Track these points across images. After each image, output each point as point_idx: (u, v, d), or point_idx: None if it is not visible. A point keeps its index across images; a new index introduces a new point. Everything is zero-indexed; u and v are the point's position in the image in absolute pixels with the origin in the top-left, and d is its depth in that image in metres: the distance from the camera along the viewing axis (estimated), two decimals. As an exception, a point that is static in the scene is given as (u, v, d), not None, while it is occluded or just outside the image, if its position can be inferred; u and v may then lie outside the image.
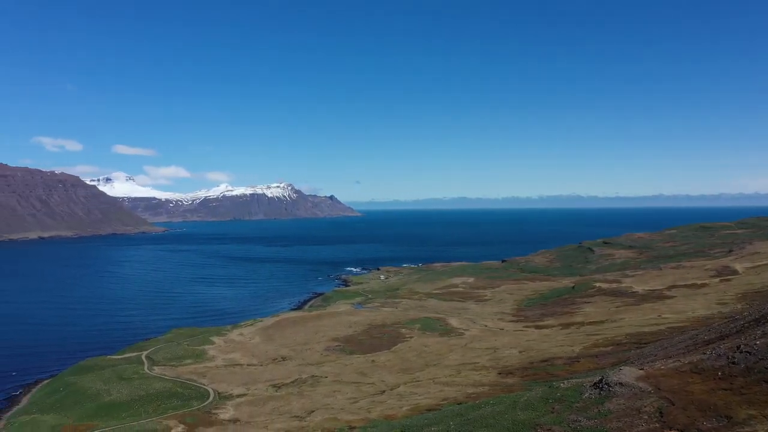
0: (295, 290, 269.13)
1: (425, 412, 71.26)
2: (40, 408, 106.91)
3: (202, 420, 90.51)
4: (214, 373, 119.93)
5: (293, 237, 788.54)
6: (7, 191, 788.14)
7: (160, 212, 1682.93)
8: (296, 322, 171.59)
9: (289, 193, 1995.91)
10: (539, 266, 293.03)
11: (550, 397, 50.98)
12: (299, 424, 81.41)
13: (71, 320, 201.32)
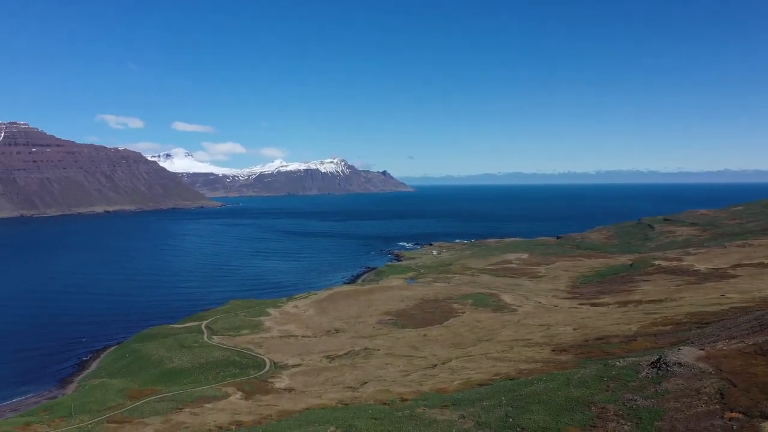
0: (348, 264, 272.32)
1: (477, 387, 71.33)
2: (109, 372, 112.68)
3: (258, 388, 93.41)
4: (270, 344, 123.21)
5: (346, 212, 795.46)
6: (75, 167, 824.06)
7: (217, 187, 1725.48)
8: (349, 295, 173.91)
9: (342, 169, 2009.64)
10: (596, 243, 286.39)
11: (605, 375, 50.10)
12: (352, 395, 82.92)
13: (135, 291, 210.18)
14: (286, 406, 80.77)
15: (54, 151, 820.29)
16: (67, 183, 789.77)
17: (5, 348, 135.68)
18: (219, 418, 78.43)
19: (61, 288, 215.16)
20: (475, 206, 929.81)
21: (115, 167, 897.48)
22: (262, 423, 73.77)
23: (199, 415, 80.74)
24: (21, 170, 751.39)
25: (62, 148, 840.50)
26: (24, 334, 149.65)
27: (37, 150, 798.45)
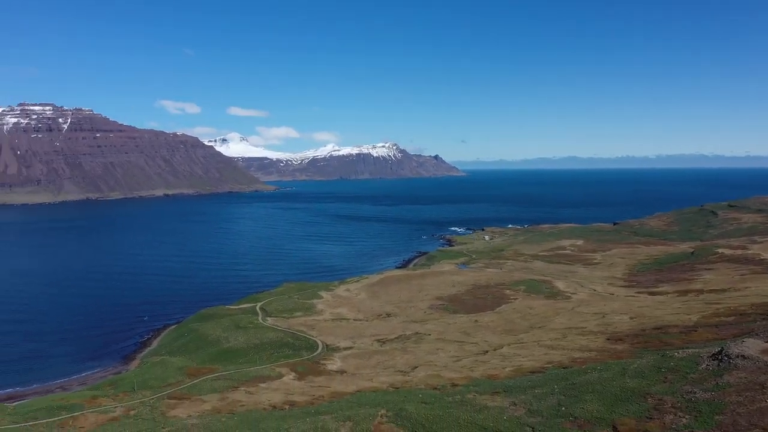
0: (399, 249, 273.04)
1: (529, 374, 70.66)
2: (169, 350, 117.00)
3: (311, 369, 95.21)
4: (322, 326, 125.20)
5: (398, 196, 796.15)
6: (136, 152, 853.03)
7: (271, 171, 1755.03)
8: (401, 280, 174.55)
9: (394, 153, 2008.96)
10: (655, 230, 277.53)
11: (662, 366, 48.77)
12: (403, 379, 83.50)
13: (193, 272, 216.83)
14: (337, 388, 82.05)
15: (117, 137, 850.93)
16: (129, 167, 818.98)
17: (76, 325, 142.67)
18: (273, 398, 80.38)
19: (125, 268, 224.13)
20: (528, 191, 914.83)
21: (173, 152, 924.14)
22: (315, 404, 75.22)
23: (254, 394, 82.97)
24: (86, 155, 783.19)
25: (124, 134, 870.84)
26: (92, 312, 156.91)
27: (101, 135, 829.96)
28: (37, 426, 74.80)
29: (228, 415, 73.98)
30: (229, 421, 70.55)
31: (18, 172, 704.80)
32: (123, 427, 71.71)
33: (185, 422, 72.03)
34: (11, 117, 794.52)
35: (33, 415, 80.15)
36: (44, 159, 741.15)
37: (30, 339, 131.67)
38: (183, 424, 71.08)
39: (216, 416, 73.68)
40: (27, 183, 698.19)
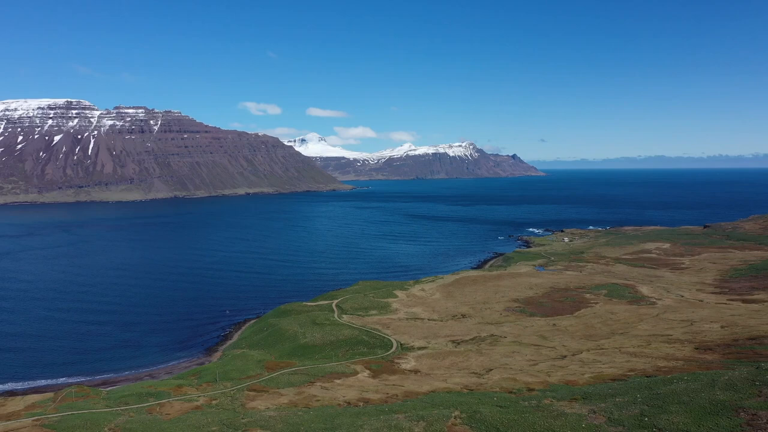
0: (475, 249, 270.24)
1: (609, 382, 68.13)
2: (249, 344, 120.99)
3: (385, 368, 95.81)
4: (397, 325, 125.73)
5: (474, 196, 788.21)
6: (220, 152, 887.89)
7: (348, 171, 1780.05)
8: (476, 280, 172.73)
9: (471, 153, 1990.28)
10: (750, 233, 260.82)
11: (757, 379, 45.74)
12: (477, 381, 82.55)
13: (272, 269, 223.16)
14: (411, 387, 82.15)
15: (203, 137, 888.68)
16: (213, 166, 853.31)
17: (164, 317, 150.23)
18: (348, 394, 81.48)
19: (209, 264, 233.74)
20: (611, 192, 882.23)
21: (255, 152, 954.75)
22: (389, 402, 75.62)
23: (329, 390, 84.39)
24: (175, 155, 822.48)
25: (209, 134, 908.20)
26: (179, 305, 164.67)
27: (188, 136, 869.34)
28: (128, 411, 79.20)
29: (304, 409, 75.62)
30: (305, 416, 72.11)
31: (113, 171, 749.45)
32: (205, 416, 74.73)
33: (263, 414, 74.24)
34: (108, 119, 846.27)
35: (124, 400, 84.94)
36: (137, 159, 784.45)
37: (123, 329, 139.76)
38: (261, 416, 73.29)
39: (293, 410, 75.49)
40: (121, 181, 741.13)
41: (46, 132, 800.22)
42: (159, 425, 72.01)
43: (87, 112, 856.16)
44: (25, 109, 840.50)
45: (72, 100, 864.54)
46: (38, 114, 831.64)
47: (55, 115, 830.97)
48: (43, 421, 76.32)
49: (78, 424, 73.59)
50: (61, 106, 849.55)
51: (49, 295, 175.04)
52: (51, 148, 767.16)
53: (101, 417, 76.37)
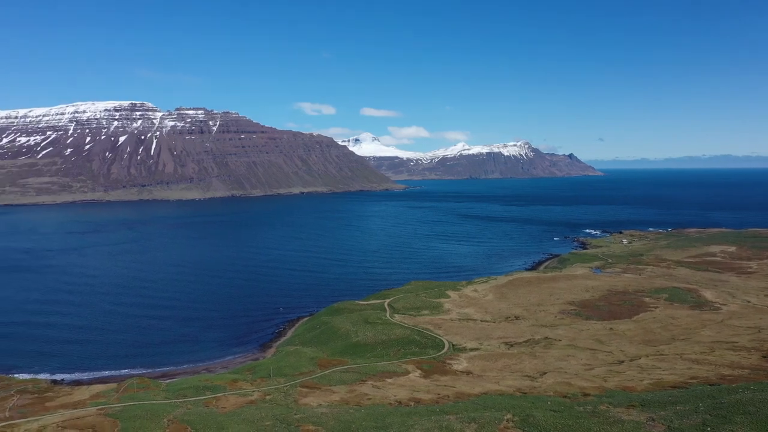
0: (529, 250, 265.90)
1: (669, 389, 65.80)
2: (302, 341, 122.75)
3: (437, 368, 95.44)
4: (449, 326, 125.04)
5: (529, 196, 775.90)
6: (276, 152, 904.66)
7: (401, 170, 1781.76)
8: (530, 282, 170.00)
9: (526, 152, 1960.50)
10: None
11: (831, 391, 43.27)
12: (530, 384, 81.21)
13: (325, 267, 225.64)
14: (463, 389, 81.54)
15: (259, 138, 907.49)
16: (269, 166, 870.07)
17: (222, 314, 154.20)
18: (399, 394, 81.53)
19: (264, 262, 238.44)
20: (673, 192, 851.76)
21: (310, 152, 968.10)
22: (440, 402, 75.25)
23: (380, 389, 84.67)
24: (232, 155, 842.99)
25: (265, 135, 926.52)
26: (235, 301, 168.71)
27: (245, 136, 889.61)
28: (186, 403, 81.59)
29: (355, 407, 76.12)
30: (357, 413, 72.58)
31: (174, 171, 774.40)
32: (259, 411, 76.20)
33: (316, 411, 75.15)
34: (169, 121, 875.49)
35: (183, 392, 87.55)
36: (196, 159, 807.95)
37: (182, 324, 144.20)
38: (314, 413, 74.20)
39: (344, 407, 76.12)
40: (181, 180, 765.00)
41: (111, 133, 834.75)
42: (215, 418, 73.89)
43: (150, 113, 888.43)
44: (92, 111, 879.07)
45: (136, 102, 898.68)
46: (105, 116, 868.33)
47: (120, 117, 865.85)
48: (106, 410, 79.48)
49: (139, 415, 76.31)
50: (125, 108, 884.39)
51: (113, 290, 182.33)
52: (116, 148, 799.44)
53: (161, 408, 78.92)
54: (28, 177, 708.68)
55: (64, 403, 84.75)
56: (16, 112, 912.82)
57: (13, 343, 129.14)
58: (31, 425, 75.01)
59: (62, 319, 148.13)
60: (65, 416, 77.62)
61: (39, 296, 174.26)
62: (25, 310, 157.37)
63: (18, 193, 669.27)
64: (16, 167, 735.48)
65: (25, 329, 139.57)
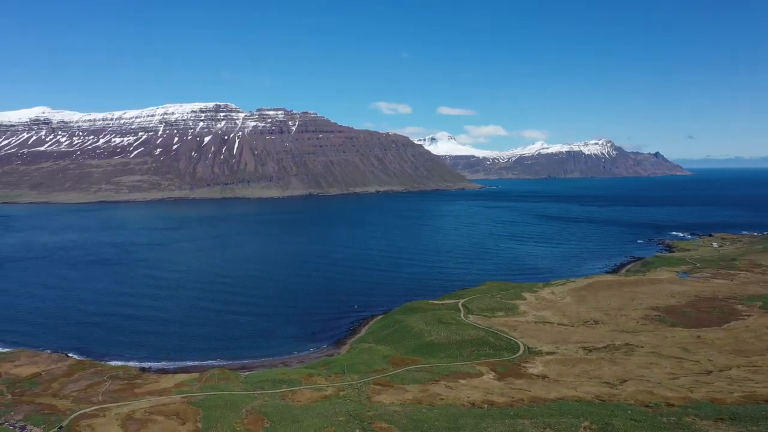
0: (610, 252, 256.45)
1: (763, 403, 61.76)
2: (375, 339, 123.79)
3: (511, 371, 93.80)
4: (525, 328, 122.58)
5: (611, 196, 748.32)
6: (352, 151, 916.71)
7: (478, 170, 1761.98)
8: (611, 285, 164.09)
9: (608, 150, 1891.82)
10: None
11: None
12: (610, 391, 78.37)
13: (399, 266, 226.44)
14: (538, 393, 79.77)
15: (336, 137, 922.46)
16: (345, 165, 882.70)
17: (298, 310, 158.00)
18: (472, 395, 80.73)
19: (339, 259, 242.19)
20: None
21: (386, 151, 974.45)
22: (514, 406, 73.96)
23: (453, 389, 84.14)
24: (310, 154, 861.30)
25: (342, 134, 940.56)
26: (311, 297, 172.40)
27: (323, 136, 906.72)
28: (263, 395, 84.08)
29: (428, 406, 76.00)
30: (429, 413, 72.45)
31: (255, 170, 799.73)
32: (333, 406, 77.47)
33: (388, 408, 75.61)
34: (251, 121, 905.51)
35: (260, 385, 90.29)
36: (275, 158, 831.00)
37: (260, 319, 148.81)
38: (386, 410, 74.68)
39: (417, 406, 76.16)
40: (261, 179, 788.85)
41: (197, 133, 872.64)
42: (291, 411, 75.74)
43: (233, 114, 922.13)
44: (180, 113, 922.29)
45: (220, 104, 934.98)
46: (191, 117, 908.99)
47: (205, 118, 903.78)
48: (189, 398, 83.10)
49: (219, 404, 79.32)
50: (210, 109, 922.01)
51: (196, 285, 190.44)
52: (201, 148, 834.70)
53: (239, 399, 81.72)
54: (121, 175, 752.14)
55: (151, 390, 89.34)
56: (112, 114, 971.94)
57: (106, 332, 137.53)
58: (122, 410, 79.49)
59: (149, 311, 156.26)
60: (152, 402, 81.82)
61: (128, 289, 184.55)
62: (117, 302, 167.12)
63: (112, 191, 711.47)
64: (111, 166, 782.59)
65: (116, 320, 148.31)
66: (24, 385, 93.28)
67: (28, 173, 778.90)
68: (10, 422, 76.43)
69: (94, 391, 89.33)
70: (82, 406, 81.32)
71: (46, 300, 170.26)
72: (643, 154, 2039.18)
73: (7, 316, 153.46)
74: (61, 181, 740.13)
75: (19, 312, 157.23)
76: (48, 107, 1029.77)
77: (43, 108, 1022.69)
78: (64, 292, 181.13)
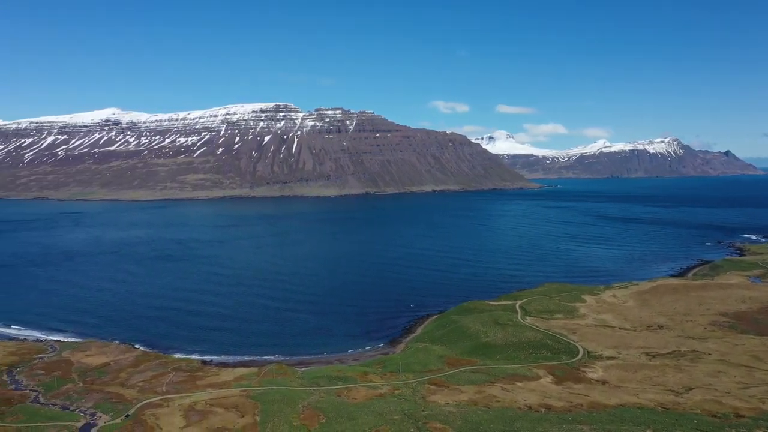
0: (676, 255, 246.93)
1: (843, 418, 58.20)
2: (431, 338, 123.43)
3: (570, 375, 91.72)
4: (584, 331, 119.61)
5: (678, 197, 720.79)
6: (409, 150, 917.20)
7: (536, 169, 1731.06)
8: (676, 289, 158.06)
9: (675, 149, 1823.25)
10: None
11: None
12: (674, 400, 75.54)
13: (455, 266, 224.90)
14: (598, 399, 77.74)
15: (393, 136, 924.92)
16: (402, 164, 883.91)
17: (354, 308, 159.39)
18: (529, 398, 79.41)
19: (395, 259, 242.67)
20: None
21: (442, 150, 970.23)
22: (572, 411, 72.36)
23: (510, 392, 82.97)
24: (367, 153, 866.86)
25: (399, 133, 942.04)
26: (367, 295, 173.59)
27: (380, 135, 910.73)
28: (319, 391, 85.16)
29: (483, 408, 75.23)
30: (485, 415, 71.70)
31: (313, 168, 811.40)
32: (388, 404, 77.71)
33: (443, 409, 75.26)
34: (309, 121, 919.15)
35: (316, 381, 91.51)
36: (333, 157, 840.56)
37: (317, 316, 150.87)
38: (441, 411, 74.37)
39: (472, 408, 75.50)
40: (319, 178, 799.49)
41: (257, 133, 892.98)
42: (346, 408, 76.45)
43: (292, 114, 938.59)
44: (241, 113, 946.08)
45: (280, 104, 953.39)
46: (252, 117, 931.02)
47: (265, 118, 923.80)
48: (248, 392, 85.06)
49: (277, 399, 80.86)
50: (270, 109, 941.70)
51: (255, 282, 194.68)
52: (261, 147, 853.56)
53: (296, 394, 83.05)
54: (186, 174, 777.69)
55: (212, 382, 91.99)
56: (177, 115, 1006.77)
57: (169, 326, 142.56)
58: (184, 401, 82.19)
59: (210, 307, 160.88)
60: (213, 395, 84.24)
61: (190, 285, 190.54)
62: (179, 297, 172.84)
63: (177, 189, 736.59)
64: (176, 165, 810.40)
65: (179, 314, 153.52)
66: (94, 374, 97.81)
67: (100, 172, 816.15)
68: (81, 409, 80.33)
69: (159, 382, 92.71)
70: (147, 396, 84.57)
71: (114, 294, 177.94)
72: (712, 153, 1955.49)
73: (79, 308, 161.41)
74: (130, 180, 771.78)
75: (90, 305, 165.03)
76: (118, 108, 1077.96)
77: (113, 109, 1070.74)
78: (130, 286, 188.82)
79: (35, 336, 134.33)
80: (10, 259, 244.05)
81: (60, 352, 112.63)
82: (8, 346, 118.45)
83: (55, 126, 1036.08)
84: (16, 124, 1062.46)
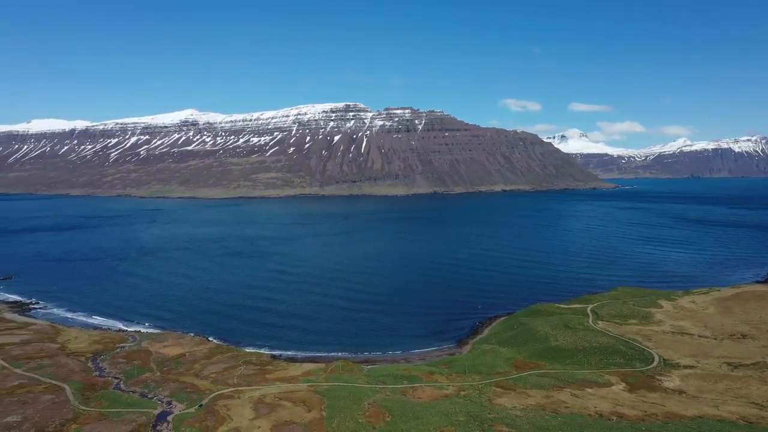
0: (762, 260, 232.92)
1: None
2: (498, 340, 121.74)
3: (644, 383, 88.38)
4: (660, 338, 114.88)
5: (764, 198, 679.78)
6: (478, 149, 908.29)
7: (611, 168, 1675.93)
8: (762, 296, 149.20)
9: (763, 148, 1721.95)
10: None
11: None
12: (758, 413, 71.39)
13: (524, 267, 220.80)
14: (674, 409, 74.55)
15: (462, 135, 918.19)
16: (471, 163, 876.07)
17: (420, 307, 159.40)
18: (600, 405, 77.15)
19: (463, 259, 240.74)
20: None
21: (513, 149, 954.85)
22: (646, 420, 69.78)
23: (579, 398, 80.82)
24: (436, 152, 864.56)
25: (469, 132, 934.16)
26: (434, 295, 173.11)
27: (448, 134, 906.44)
28: (385, 389, 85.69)
29: (551, 414, 73.59)
30: (553, 421, 70.09)
31: (381, 168, 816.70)
32: (454, 405, 77.27)
33: (510, 412, 74.10)
34: (378, 120, 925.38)
35: (382, 379, 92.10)
36: (402, 156, 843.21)
37: (383, 314, 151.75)
38: (507, 414, 73.25)
39: (539, 412, 73.99)
40: (388, 177, 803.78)
41: (327, 133, 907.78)
42: (411, 408, 76.55)
43: (361, 113, 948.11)
44: (312, 113, 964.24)
45: (350, 104, 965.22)
46: (322, 117, 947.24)
47: (335, 118, 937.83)
48: (315, 388, 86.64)
49: (343, 395, 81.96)
50: (340, 109, 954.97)
51: (322, 281, 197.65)
52: (331, 146, 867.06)
53: (362, 392, 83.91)
54: (258, 173, 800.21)
55: (281, 376, 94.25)
56: (250, 116, 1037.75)
57: (240, 321, 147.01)
58: (254, 393, 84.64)
59: (278, 305, 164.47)
60: (281, 389, 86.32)
61: (260, 282, 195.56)
62: (249, 294, 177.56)
63: (249, 187, 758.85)
64: (249, 164, 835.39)
65: (249, 311, 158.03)
66: (171, 364, 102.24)
67: (178, 170, 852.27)
68: (158, 397, 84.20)
69: (230, 374, 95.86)
70: (220, 387, 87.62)
71: (188, 289, 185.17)
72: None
73: (155, 301, 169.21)
74: (206, 178, 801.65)
75: (166, 299, 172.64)
76: (195, 109, 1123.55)
77: (191, 110, 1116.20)
78: (203, 282, 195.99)
79: (117, 326, 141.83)
80: (94, 253, 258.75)
81: (140, 342, 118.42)
82: (93, 335, 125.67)
83: (138, 127, 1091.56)
84: (102, 126, 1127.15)
